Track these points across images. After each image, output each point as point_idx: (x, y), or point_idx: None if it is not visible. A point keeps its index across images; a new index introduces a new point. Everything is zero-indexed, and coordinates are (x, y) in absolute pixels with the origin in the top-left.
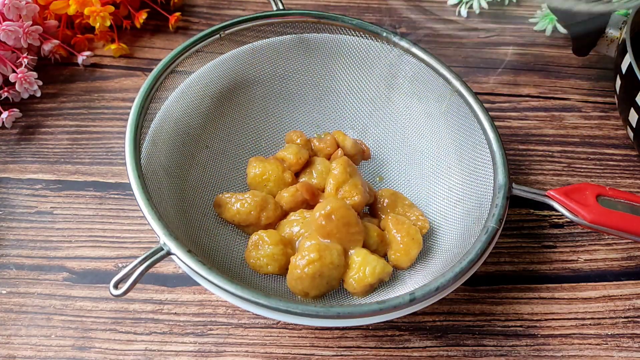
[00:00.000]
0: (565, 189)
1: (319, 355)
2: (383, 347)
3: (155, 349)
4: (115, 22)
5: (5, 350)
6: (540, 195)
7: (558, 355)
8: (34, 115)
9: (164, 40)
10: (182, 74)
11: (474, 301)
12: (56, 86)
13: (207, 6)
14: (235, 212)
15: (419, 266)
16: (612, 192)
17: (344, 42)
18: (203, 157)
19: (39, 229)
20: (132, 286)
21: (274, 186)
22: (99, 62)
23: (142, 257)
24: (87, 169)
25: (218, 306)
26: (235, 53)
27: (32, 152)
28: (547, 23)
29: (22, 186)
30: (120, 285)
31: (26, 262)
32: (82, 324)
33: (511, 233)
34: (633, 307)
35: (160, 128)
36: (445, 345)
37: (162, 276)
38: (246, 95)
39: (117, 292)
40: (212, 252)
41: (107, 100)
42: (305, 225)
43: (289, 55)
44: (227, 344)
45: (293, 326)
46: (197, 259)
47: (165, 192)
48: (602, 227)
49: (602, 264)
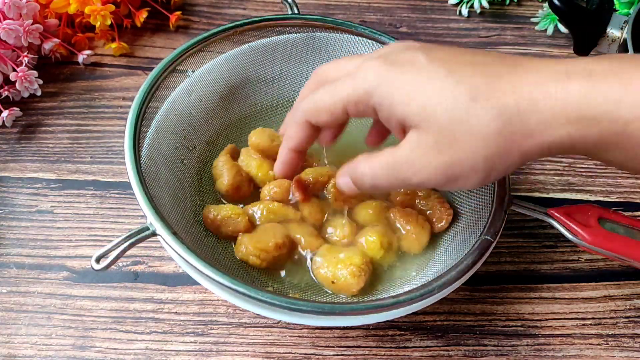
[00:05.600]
0: (567, 209)
1: (320, 355)
2: (384, 346)
3: (155, 348)
4: (116, 20)
5: (6, 350)
6: (541, 212)
7: (559, 355)
8: (34, 114)
9: (165, 39)
10: (184, 73)
11: (474, 301)
12: (56, 85)
13: (208, 5)
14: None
15: (422, 267)
16: (614, 216)
17: (353, 42)
18: (204, 151)
19: (40, 228)
20: (113, 261)
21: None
22: (100, 61)
23: (127, 235)
24: (88, 168)
25: (219, 306)
26: (243, 49)
27: (33, 151)
28: (548, 23)
29: (22, 185)
30: (102, 260)
31: (27, 261)
32: (83, 323)
33: (512, 233)
34: (634, 307)
35: (165, 118)
36: (445, 345)
37: (163, 275)
38: (251, 93)
39: (98, 266)
40: (202, 242)
41: (108, 99)
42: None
43: (297, 54)
44: (227, 344)
45: (294, 326)
46: (181, 241)
47: (162, 179)
48: (602, 250)
49: (602, 263)
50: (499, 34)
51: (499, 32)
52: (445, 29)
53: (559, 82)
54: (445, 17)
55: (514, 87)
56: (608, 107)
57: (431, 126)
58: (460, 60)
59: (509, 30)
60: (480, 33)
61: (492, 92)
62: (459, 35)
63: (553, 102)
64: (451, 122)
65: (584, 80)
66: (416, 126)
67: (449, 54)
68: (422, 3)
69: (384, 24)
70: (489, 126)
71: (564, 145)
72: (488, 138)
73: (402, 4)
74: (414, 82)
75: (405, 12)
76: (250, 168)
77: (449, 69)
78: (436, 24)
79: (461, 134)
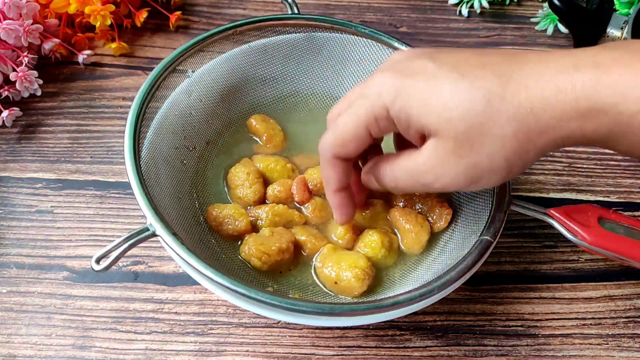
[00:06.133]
0: (567, 209)
1: (320, 355)
2: (384, 346)
3: (155, 348)
4: (116, 20)
5: (6, 349)
6: (540, 212)
7: (559, 355)
8: (34, 114)
9: (165, 39)
10: (183, 73)
11: (474, 301)
12: (56, 85)
13: (208, 5)
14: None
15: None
16: (614, 216)
17: (353, 42)
18: (204, 151)
19: (40, 228)
20: (114, 262)
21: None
22: (100, 61)
23: (127, 236)
24: (88, 168)
25: (219, 306)
26: (243, 49)
27: (33, 151)
28: (548, 22)
29: (22, 185)
30: (102, 261)
31: (27, 261)
32: (83, 323)
33: (512, 233)
34: (634, 307)
35: (165, 118)
36: (445, 345)
37: (163, 275)
38: (251, 93)
39: (98, 267)
40: (202, 242)
41: (108, 99)
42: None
43: (297, 53)
44: (227, 344)
45: (294, 326)
46: (180, 242)
47: (162, 179)
48: (601, 250)
49: (602, 263)
50: (499, 34)
51: (499, 32)
52: (445, 29)
53: (567, 75)
54: (445, 17)
55: (526, 85)
56: (615, 99)
57: (449, 132)
58: (470, 63)
59: (509, 30)
60: (480, 33)
61: (505, 94)
62: (459, 35)
63: (563, 97)
64: (468, 127)
65: (591, 72)
66: (435, 133)
67: (456, 57)
68: (422, 3)
69: (384, 24)
70: (505, 128)
71: (576, 137)
72: (505, 140)
73: (402, 4)
74: (428, 90)
75: (405, 12)
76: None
77: (461, 73)
78: (436, 24)
79: (479, 137)
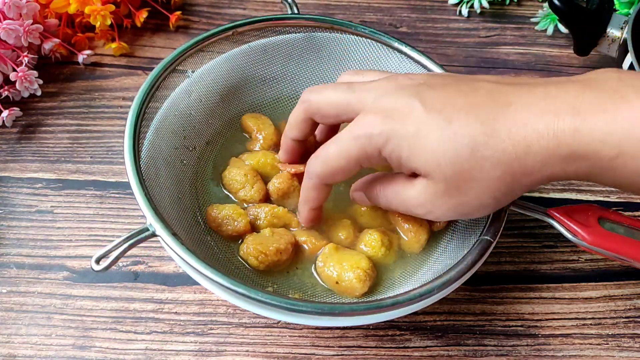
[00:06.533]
0: (567, 209)
1: (320, 355)
2: (384, 346)
3: (155, 348)
4: (116, 20)
5: (6, 350)
6: (540, 212)
7: (559, 355)
8: (34, 114)
9: (165, 39)
10: (183, 73)
11: (474, 301)
12: (56, 85)
13: (208, 5)
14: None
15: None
16: (614, 216)
17: (353, 42)
18: (204, 151)
19: (40, 228)
20: (113, 262)
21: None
22: (100, 61)
23: (126, 236)
24: (88, 168)
25: (219, 306)
26: (243, 49)
27: (33, 151)
28: (548, 23)
29: (22, 185)
30: (102, 261)
31: (26, 261)
32: (83, 323)
33: (512, 233)
34: (634, 307)
35: (165, 118)
36: (445, 345)
37: (163, 275)
38: (251, 93)
39: (98, 267)
40: (202, 242)
41: (108, 99)
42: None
43: (297, 53)
44: (227, 344)
45: (294, 326)
46: (180, 242)
47: (162, 179)
48: (602, 250)
49: (602, 263)
50: (499, 34)
51: (499, 32)
52: (445, 29)
53: (548, 122)
54: (445, 17)
55: (509, 131)
56: (594, 146)
57: (439, 176)
58: (456, 104)
59: (509, 30)
60: (480, 33)
61: (489, 141)
62: (459, 35)
63: (545, 143)
64: (456, 173)
65: (570, 120)
66: (425, 175)
67: (443, 95)
68: (422, 3)
69: (384, 24)
70: (491, 172)
71: (560, 177)
72: (492, 182)
73: (402, 4)
74: (417, 136)
75: (405, 12)
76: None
77: (446, 119)
78: (436, 24)
79: (467, 182)
